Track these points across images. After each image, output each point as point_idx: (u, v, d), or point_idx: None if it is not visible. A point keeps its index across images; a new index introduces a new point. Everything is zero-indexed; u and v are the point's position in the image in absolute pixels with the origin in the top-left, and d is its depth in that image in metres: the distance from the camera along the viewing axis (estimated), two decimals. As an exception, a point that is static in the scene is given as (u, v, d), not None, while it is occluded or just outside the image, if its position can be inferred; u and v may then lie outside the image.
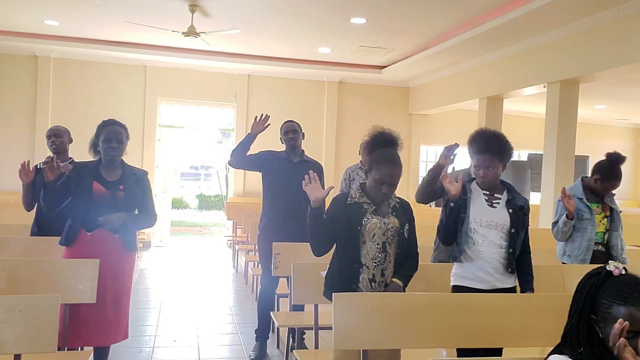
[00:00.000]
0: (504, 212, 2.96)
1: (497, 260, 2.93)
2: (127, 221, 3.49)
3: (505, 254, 2.95)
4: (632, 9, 5.90)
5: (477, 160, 2.92)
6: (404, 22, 7.49)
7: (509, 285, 2.98)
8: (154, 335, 5.07)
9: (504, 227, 2.94)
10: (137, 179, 3.63)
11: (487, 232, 2.93)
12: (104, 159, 3.55)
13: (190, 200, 22.24)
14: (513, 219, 2.96)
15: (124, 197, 3.51)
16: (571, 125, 7.36)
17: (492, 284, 2.93)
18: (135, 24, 7.90)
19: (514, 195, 3.02)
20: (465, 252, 2.94)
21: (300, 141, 4.59)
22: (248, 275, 7.45)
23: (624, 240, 4.09)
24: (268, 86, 11.18)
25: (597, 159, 4.20)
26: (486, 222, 2.93)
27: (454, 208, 2.88)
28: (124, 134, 3.60)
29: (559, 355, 1.67)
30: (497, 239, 2.93)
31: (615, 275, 1.65)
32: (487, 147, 2.88)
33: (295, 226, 4.31)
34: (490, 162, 2.90)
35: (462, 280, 2.98)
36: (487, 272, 2.92)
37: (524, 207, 3.02)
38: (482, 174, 2.93)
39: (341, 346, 2.61)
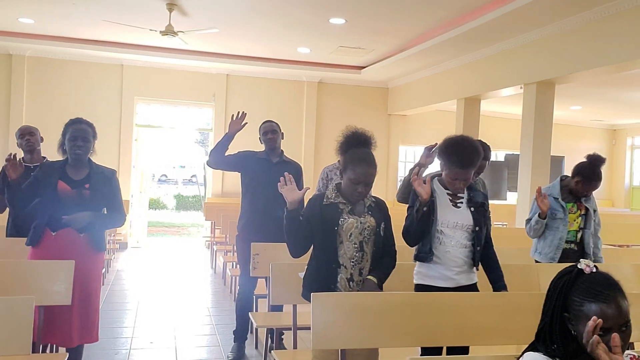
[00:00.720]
0: (467, 211, 2.97)
1: (463, 260, 2.95)
2: (93, 220, 3.44)
3: (470, 252, 2.97)
4: (607, 12, 6.00)
5: (457, 174, 2.87)
6: (383, 22, 7.52)
7: (472, 282, 3.00)
8: (131, 337, 5.01)
9: (469, 227, 2.96)
10: (104, 178, 3.59)
11: (453, 233, 2.94)
12: (69, 158, 3.51)
13: (167, 201, 22.05)
14: (475, 217, 2.97)
15: (91, 196, 3.47)
16: (547, 126, 7.46)
17: (457, 281, 2.94)
18: (112, 23, 7.81)
19: (474, 193, 3.03)
20: (433, 253, 2.94)
21: (280, 141, 4.57)
22: (226, 276, 7.41)
23: (600, 239, 4.15)
24: (247, 86, 11.14)
25: (572, 159, 4.26)
26: (452, 224, 2.94)
27: (426, 212, 2.88)
28: (90, 132, 3.54)
29: (533, 353, 1.69)
30: (462, 238, 2.95)
31: (586, 273, 1.67)
32: (470, 163, 2.86)
33: (274, 226, 4.29)
34: (469, 176, 2.92)
35: (426, 279, 2.98)
36: (453, 271, 2.94)
37: (484, 203, 3.04)
38: (459, 185, 2.94)
39: (320, 346, 2.61)
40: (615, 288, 1.63)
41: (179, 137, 24.11)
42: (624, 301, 1.61)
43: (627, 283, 3.65)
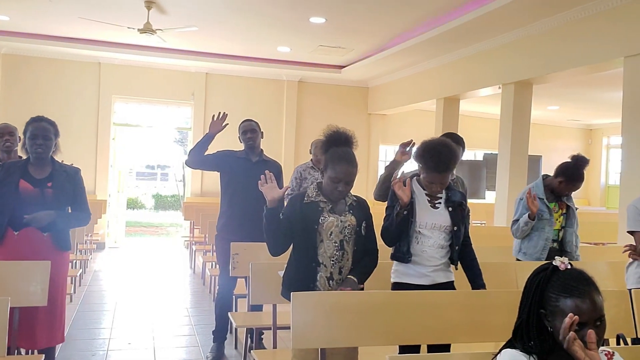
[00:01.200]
0: (445, 212, 2.98)
1: (439, 260, 2.96)
2: (56, 219, 3.40)
3: (448, 252, 2.98)
4: (583, 13, 6.08)
5: (434, 178, 2.87)
6: (363, 22, 7.54)
7: (448, 280, 3.01)
8: (108, 338, 4.95)
9: (447, 227, 2.96)
10: (68, 176, 3.54)
11: (431, 234, 2.94)
12: (30, 157, 3.46)
13: (146, 201, 21.86)
14: (453, 217, 2.98)
15: (53, 195, 3.42)
16: (525, 126, 7.54)
17: (433, 279, 2.95)
18: (89, 20, 7.70)
19: (451, 193, 3.04)
20: (410, 253, 2.95)
21: (259, 140, 4.55)
22: (205, 276, 7.36)
23: (579, 238, 4.20)
24: (226, 85, 11.08)
25: (549, 158, 4.30)
26: (430, 225, 2.94)
27: (406, 216, 2.88)
28: (51, 130, 3.49)
29: (510, 350, 1.71)
30: (440, 239, 2.95)
31: (561, 270, 1.69)
32: (447, 168, 2.86)
33: (254, 226, 4.26)
34: (446, 180, 2.92)
35: (403, 277, 2.99)
36: (428, 269, 2.94)
37: (462, 202, 3.04)
38: (437, 189, 2.94)
39: (299, 345, 2.60)
40: (589, 283, 1.66)
41: (157, 136, 23.91)
42: (598, 296, 1.64)
43: (603, 280, 3.70)
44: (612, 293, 2.98)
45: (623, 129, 5.72)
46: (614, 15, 5.75)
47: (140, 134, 19.93)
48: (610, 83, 8.80)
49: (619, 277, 3.78)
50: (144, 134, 20.44)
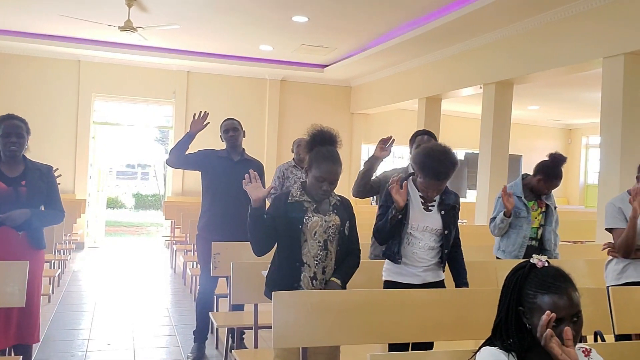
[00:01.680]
0: (437, 215, 2.99)
1: (429, 261, 2.98)
2: (31, 218, 3.37)
3: (438, 253, 3.00)
4: (563, 14, 6.15)
5: (431, 185, 2.88)
6: (346, 21, 7.54)
7: (439, 279, 3.04)
8: (87, 339, 4.89)
9: (438, 230, 2.98)
10: (41, 175, 3.50)
11: (422, 236, 2.96)
12: (3, 155, 3.41)
13: (126, 200, 21.67)
14: (445, 220, 2.99)
15: (27, 194, 3.39)
16: (505, 125, 7.60)
17: (423, 278, 2.97)
18: (68, 17, 7.61)
19: (446, 196, 3.05)
20: (400, 253, 2.96)
21: (241, 139, 4.53)
22: (186, 276, 7.31)
23: (558, 236, 4.24)
24: (208, 83, 11.01)
25: (530, 157, 4.35)
26: (422, 227, 2.96)
27: (400, 219, 2.89)
28: (23, 128, 3.45)
29: (490, 347, 1.72)
30: (431, 241, 2.97)
31: (538, 267, 1.71)
32: (446, 176, 2.86)
33: (236, 226, 4.26)
34: (442, 187, 2.94)
35: (394, 275, 3.01)
36: (419, 269, 2.96)
37: (455, 206, 3.06)
38: (433, 194, 2.95)
39: (281, 345, 2.59)
40: (566, 280, 1.68)
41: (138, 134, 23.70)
42: (575, 292, 1.66)
43: (581, 278, 3.73)
44: (590, 291, 3.02)
45: (602, 129, 5.80)
46: (594, 16, 5.83)
47: (121, 132, 19.74)
48: (589, 83, 8.91)
49: (597, 275, 3.83)
50: (125, 132, 20.25)
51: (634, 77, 5.55)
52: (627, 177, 5.39)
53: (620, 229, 3.21)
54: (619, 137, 5.53)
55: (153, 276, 8.01)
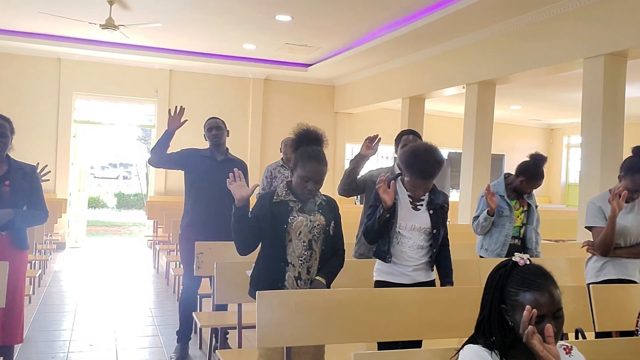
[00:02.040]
0: (426, 214, 3.01)
1: (419, 260, 2.99)
2: (14, 218, 3.33)
3: (427, 253, 3.01)
4: (545, 15, 6.21)
5: (418, 184, 2.91)
6: (329, 20, 7.54)
7: (429, 279, 3.06)
8: (69, 340, 4.84)
9: (426, 229, 2.99)
10: (24, 174, 3.47)
11: (411, 235, 2.97)
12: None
13: (108, 199, 21.47)
14: (433, 219, 3.01)
15: (11, 193, 3.35)
16: (488, 125, 7.66)
17: (413, 278, 2.99)
18: (49, 15, 7.51)
19: (435, 195, 3.07)
20: (390, 253, 2.97)
21: (225, 138, 4.51)
22: (169, 276, 7.26)
23: (540, 235, 4.28)
24: (191, 82, 10.95)
25: (512, 157, 4.38)
26: (410, 226, 2.97)
27: (388, 218, 2.90)
28: (7, 127, 3.41)
29: (473, 345, 1.73)
30: (420, 240, 2.98)
31: (520, 265, 1.73)
32: (432, 175, 2.89)
33: (219, 225, 4.24)
34: (429, 186, 2.95)
35: (385, 275, 3.02)
36: (409, 268, 2.98)
37: (444, 205, 3.08)
38: (420, 194, 2.97)
39: (265, 344, 2.58)
40: (547, 277, 1.70)
41: (120, 133, 23.51)
42: (556, 290, 1.69)
43: (562, 276, 3.78)
44: (571, 288, 3.05)
45: (582, 128, 5.86)
46: (575, 17, 5.89)
47: (102, 131, 19.58)
48: (570, 84, 9.01)
49: (579, 273, 3.87)
50: (106, 131, 20.08)
51: (614, 78, 5.63)
52: (607, 176, 5.46)
53: (599, 228, 3.25)
54: (599, 136, 5.60)
55: (135, 276, 7.95)
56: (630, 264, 3.29)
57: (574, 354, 1.77)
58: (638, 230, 3.29)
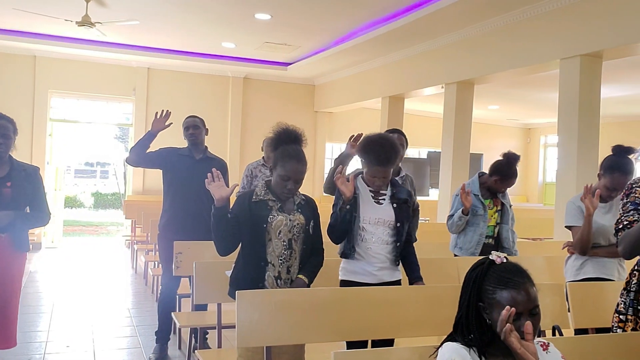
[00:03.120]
0: (389, 207, 3.00)
1: (385, 256, 2.98)
2: (15, 220, 3.27)
3: (392, 248, 3.01)
4: (522, 15, 6.28)
5: (376, 172, 2.91)
6: (309, 19, 7.54)
7: (395, 279, 3.04)
8: (45, 341, 4.76)
9: (390, 223, 2.99)
10: (27, 175, 3.41)
11: (375, 229, 2.96)
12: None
13: (85, 199, 21.21)
14: (397, 213, 3.00)
15: (12, 195, 3.29)
16: (467, 125, 7.72)
17: (379, 277, 2.97)
18: (24, 12, 7.38)
19: (397, 189, 3.07)
20: (355, 249, 2.97)
21: (203, 137, 4.47)
22: (148, 276, 7.20)
23: (516, 233, 4.32)
24: (169, 80, 10.86)
25: (490, 156, 4.41)
26: (374, 220, 2.96)
27: (349, 210, 2.90)
28: (10, 128, 3.38)
29: (451, 343, 1.75)
30: (384, 235, 2.98)
31: (497, 263, 1.75)
32: (388, 161, 2.89)
33: (197, 225, 4.21)
34: (388, 174, 2.95)
35: (350, 275, 3.01)
36: (375, 267, 2.97)
37: (407, 200, 3.07)
38: (379, 183, 2.97)
39: (245, 344, 2.57)
40: (524, 275, 1.72)
41: (97, 132, 23.24)
42: (533, 287, 1.70)
43: (539, 274, 3.82)
44: (548, 286, 3.08)
45: (559, 128, 5.94)
46: (551, 19, 5.97)
47: (79, 130, 19.33)
48: (547, 84, 9.12)
49: (555, 271, 3.93)
50: (83, 130, 19.84)
51: (590, 78, 5.72)
52: (584, 175, 5.55)
53: (578, 227, 3.28)
54: (575, 136, 5.68)
55: (113, 276, 7.86)
56: (609, 262, 3.33)
57: (550, 350, 1.79)
58: (617, 229, 3.35)
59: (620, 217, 2.34)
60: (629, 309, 2.38)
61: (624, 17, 5.22)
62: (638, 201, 2.31)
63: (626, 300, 2.40)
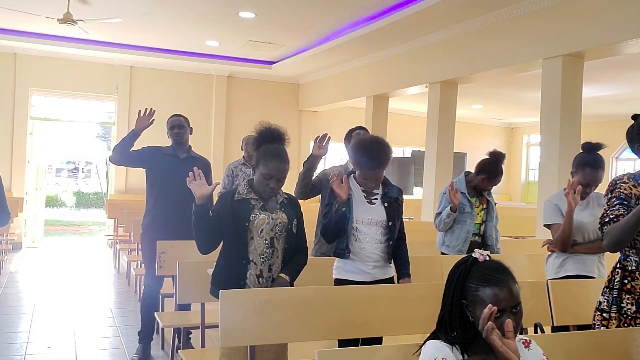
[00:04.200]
0: (381, 207, 3.03)
1: (378, 255, 3.01)
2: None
3: (385, 247, 3.03)
4: (506, 16, 6.33)
5: (368, 175, 2.94)
6: (294, 18, 7.52)
7: (388, 276, 3.08)
8: (26, 342, 4.70)
9: (383, 222, 3.02)
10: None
11: (368, 230, 2.99)
12: None
13: (66, 198, 20.99)
14: (389, 212, 3.03)
15: None
16: (450, 124, 7.76)
17: (373, 275, 3.01)
18: (3, 8, 7.27)
19: (388, 188, 3.10)
20: (349, 249, 2.98)
21: (187, 136, 4.45)
22: (130, 276, 7.14)
23: (499, 232, 4.36)
24: (152, 79, 10.77)
25: (474, 155, 4.44)
26: (367, 220, 2.99)
27: (344, 212, 2.91)
28: None
29: (434, 341, 1.75)
30: (377, 234, 3.01)
31: (480, 261, 1.76)
32: (380, 165, 2.92)
33: (181, 224, 4.18)
34: (380, 176, 2.97)
35: (344, 273, 3.03)
36: (368, 266, 2.99)
37: (398, 198, 3.11)
38: (372, 185, 2.99)
39: (228, 343, 2.56)
40: (506, 273, 1.74)
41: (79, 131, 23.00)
42: (515, 285, 1.72)
43: (522, 272, 3.86)
44: (531, 284, 3.11)
45: (541, 127, 5.99)
46: (534, 19, 6.02)
47: (61, 128, 19.12)
48: (530, 83, 9.20)
49: (538, 269, 3.96)
50: (65, 128, 19.62)
51: (572, 78, 5.78)
52: (565, 174, 5.59)
53: (557, 225, 3.32)
54: (557, 135, 5.73)
55: (95, 276, 7.79)
56: (589, 260, 3.37)
57: (532, 347, 1.80)
58: (594, 225, 3.38)
59: (606, 212, 2.37)
60: (612, 306, 2.41)
61: (606, 18, 5.28)
62: (623, 196, 2.35)
63: (609, 298, 2.43)
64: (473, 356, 1.70)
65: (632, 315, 2.35)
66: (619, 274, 2.41)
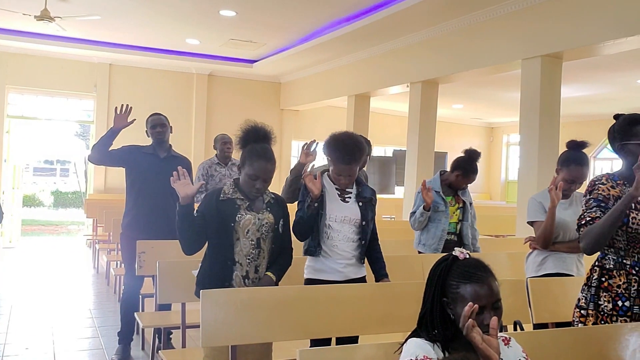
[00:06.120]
0: (355, 206, 3.03)
1: (351, 253, 3.01)
2: None
3: (358, 246, 3.03)
4: (486, 16, 6.38)
5: (341, 170, 2.93)
6: (275, 17, 7.50)
7: (360, 275, 3.07)
8: (3, 344, 4.63)
9: (356, 221, 3.01)
10: None
11: (341, 227, 2.98)
12: None
13: (44, 197, 20.70)
14: (363, 211, 3.03)
15: None
16: (431, 123, 7.81)
17: (345, 274, 2.99)
18: (-21, 3, 7.16)
19: (362, 188, 3.10)
20: (321, 247, 2.98)
21: (168, 135, 4.41)
22: (110, 276, 7.06)
23: (477, 230, 4.40)
24: (132, 77, 10.67)
25: (454, 155, 4.47)
26: (340, 218, 2.98)
27: (317, 207, 2.90)
28: None
29: (415, 339, 1.76)
30: (350, 233, 3.00)
31: (460, 259, 1.78)
32: (353, 160, 2.91)
33: (162, 224, 4.15)
34: (353, 172, 2.97)
35: (316, 273, 3.01)
36: (341, 265, 2.98)
37: (372, 198, 3.11)
38: (345, 181, 2.99)
39: (209, 343, 2.54)
40: (486, 270, 1.76)
41: (57, 129, 22.70)
42: (495, 282, 1.74)
43: (502, 270, 3.88)
44: (511, 282, 3.14)
45: (521, 127, 6.06)
46: (513, 20, 6.08)
47: (38, 127, 18.86)
48: (509, 83, 9.29)
49: (517, 267, 4.00)
50: (42, 127, 19.36)
51: (550, 79, 5.85)
52: (545, 173, 5.66)
53: (540, 222, 3.36)
54: (536, 135, 5.80)
55: (74, 277, 7.69)
56: (569, 258, 3.41)
57: (512, 344, 1.82)
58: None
59: (583, 213, 2.39)
60: (589, 304, 2.44)
61: (584, 19, 5.35)
62: (601, 197, 2.37)
63: (587, 295, 2.46)
64: (454, 354, 1.71)
65: (609, 313, 2.38)
66: (597, 272, 2.45)
